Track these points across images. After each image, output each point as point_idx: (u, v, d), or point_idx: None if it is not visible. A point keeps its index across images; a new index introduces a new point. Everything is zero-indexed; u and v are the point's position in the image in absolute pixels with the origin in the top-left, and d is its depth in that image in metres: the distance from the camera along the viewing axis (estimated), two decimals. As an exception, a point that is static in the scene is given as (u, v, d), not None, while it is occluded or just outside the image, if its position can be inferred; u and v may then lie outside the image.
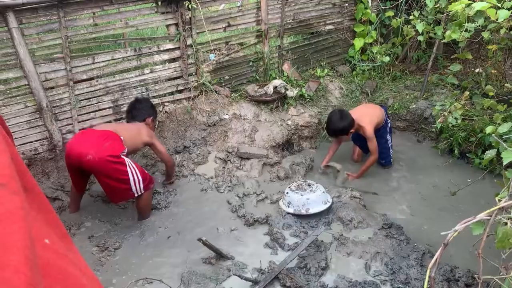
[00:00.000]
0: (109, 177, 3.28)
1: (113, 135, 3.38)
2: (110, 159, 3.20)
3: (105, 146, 3.22)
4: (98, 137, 3.31)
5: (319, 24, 5.80)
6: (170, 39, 4.58)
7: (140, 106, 3.95)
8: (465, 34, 3.22)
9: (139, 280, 2.98)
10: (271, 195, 4.00)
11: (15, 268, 0.40)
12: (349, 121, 4.08)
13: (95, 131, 3.43)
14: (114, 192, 3.41)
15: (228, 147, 4.52)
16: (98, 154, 3.16)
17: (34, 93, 3.92)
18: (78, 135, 3.45)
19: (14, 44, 3.68)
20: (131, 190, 3.37)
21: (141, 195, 3.48)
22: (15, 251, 0.41)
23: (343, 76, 5.98)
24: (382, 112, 4.39)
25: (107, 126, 3.62)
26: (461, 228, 1.45)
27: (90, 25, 4.17)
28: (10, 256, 0.40)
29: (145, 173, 3.49)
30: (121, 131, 3.49)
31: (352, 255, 3.23)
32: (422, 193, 4.14)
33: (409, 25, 4.30)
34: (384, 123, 4.40)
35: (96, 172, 3.31)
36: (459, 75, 5.36)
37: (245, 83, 5.38)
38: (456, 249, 3.16)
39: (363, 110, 4.41)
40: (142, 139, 3.68)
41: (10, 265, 0.40)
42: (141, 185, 3.41)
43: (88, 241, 3.46)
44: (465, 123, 4.42)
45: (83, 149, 3.19)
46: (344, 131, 4.11)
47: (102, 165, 3.20)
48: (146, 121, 3.92)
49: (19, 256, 0.41)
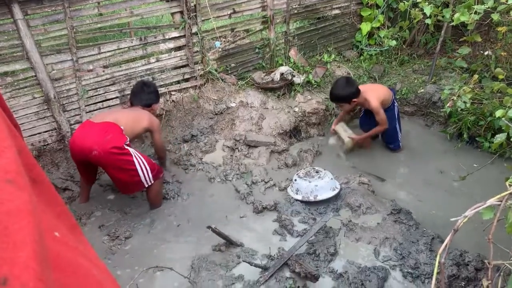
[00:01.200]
0: (117, 169, 3.29)
1: (114, 126, 3.34)
2: (115, 151, 3.20)
3: (108, 139, 3.20)
4: (100, 130, 3.27)
5: (326, 9, 5.73)
6: (175, 27, 4.55)
7: (149, 90, 3.88)
8: (474, 16, 3.17)
9: (150, 268, 3.02)
10: (279, 182, 4.00)
11: (24, 264, 0.40)
12: (353, 90, 4.07)
13: (96, 124, 3.35)
14: (124, 184, 3.43)
15: (236, 135, 4.52)
16: (102, 148, 3.15)
17: (41, 84, 3.93)
18: (80, 130, 3.38)
19: (20, 36, 3.68)
20: (141, 181, 3.38)
21: (151, 186, 3.49)
22: (23, 247, 0.41)
23: (350, 61, 5.93)
24: (389, 92, 4.37)
25: (106, 115, 3.53)
26: (471, 214, 1.44)
27: (95, 14, 4.16)
28: (19, 252, 0.40)
29: (152, 163, 3.50)
30: (121, 120, 3.43)
31: (361, 241, 3.23)
32: (431, 178, 4.13)
33: (417, 8, 4.23)
34: (391, 105, 4.37)
35: (104, 165, 3.33)
36: (468, 58, 5.28)
37: (252, 70, 5.35)
38: (466, 233, 3.15)
39: (370, 86, 4.45)
40: (142, 125, 3.62)
41: (19, 262, 0.40)
42: (150, 175, 3.41)
43: (99, 230, 3.50)
44: (474, 107, 4.38)
45: (86, 145, 3.18)
46: (346, 99, 4.10)
47: (108, 158, 3.20)
48: (153, 107, 3.91)
49: (27, 252, 0.41)
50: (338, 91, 4.09)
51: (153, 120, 3.72)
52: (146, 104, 3.84)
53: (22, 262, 0.40)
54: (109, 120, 3.37)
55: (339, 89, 4.08)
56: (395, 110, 4.42)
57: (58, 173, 4.06)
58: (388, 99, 4.31)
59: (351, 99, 4.07)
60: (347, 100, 4.09)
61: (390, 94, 4.35)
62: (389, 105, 4.35)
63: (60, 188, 3.87)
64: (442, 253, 1.54)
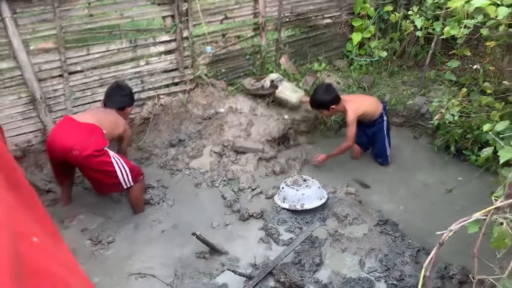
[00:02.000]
0: (95, 171, 3.23)
1: (97, 129, 3.26)
2: (96, 154, 3.14)
3: (91, 141, 3.14)
4: (84, 131, 3.19)
5: (317, 18, 5.75)
6: (166, 30, 4.52)
7: (123, 93, 3.81)
8: (464, 30, 3.19)
9: (132, 275, 2.97)
10: (266, 190, 3.98)
11: None
12: (332, 96, 4.08)
13: (80, 124, 3.25)
14: (101, 184, 3.38)
15: (224, 141, 4.49)
16: (84, 150, 3.09)
17: (27, 84, 3.86)
18: (62, 126, 3.27)
19: (8, 34, 3.62)
20: (119, 183, 3.32)
21: (131, 188, 3.43)
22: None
23: (340, 70, 5.95)
24: (377, 105, 4.35)
25: (89, 116, 3.42)
26: (456, 228, 1.44)
27: (85, 15, 4.10)
28: None
29: (131, 164, 3.44)
30: (103, 123, 3.36)
31: (346, 251, 3.22)
32: (417, 190, 4.14)
33: (408, 20, 4.26)
34: (378, 118, 4.35)
35: (81, 166, 3.27)
36: (457, 72, 5.34)
37: (242, 76, 5.34)
38: (451, 246, 3.15)
39: (354, 97, 4.45)
40: (118, 131, 3.58)
41: None
42: (130, 177, 3.35)
43: (82, 234, 3.44)
44: (462, 120, 4.41)
45: (68, 143, 3.10)
46: (324, 105, 4.11)
47: (86, 160, 3.14)
48: (126, 110, 3.83)
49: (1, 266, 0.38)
50: (317, 96, 4.13)
51: (127, 128, 3.73)
52: (120, 107, 3.76)
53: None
54: (93, 122, 3.29)
55: (319, 94, 4.12)
56: (384, 123, 4.40)
57: (42, 174, 3.98)
58: (374, 111, 4.30)
59: (330, 106, 4.09)
60: (325, 106, 4.11)
61: (378, 107, 4.34)
62: (376, 117, 4.34)
63: (43, 190, 3.80)
64: (427, 266, 1.54)
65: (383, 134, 4.39)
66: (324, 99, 4.07)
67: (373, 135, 4.44)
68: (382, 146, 4.43)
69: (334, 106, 4.10)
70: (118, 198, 3.84)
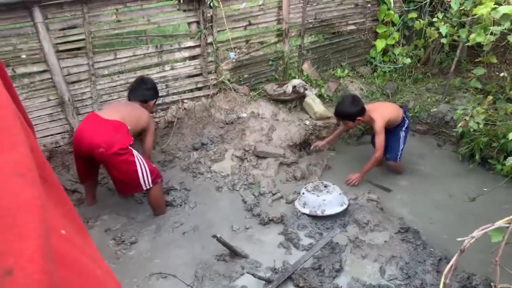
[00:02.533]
0: (117, 169, 3.29)
1: (122, 126, 3.34)
2: (121, 152, 3.21)
3: (116, 139, 3.21)
4: (110, 128, 3.26)
5: (341, 24, 5.76)
6: (191, 36, 4.60)
7: (146, 86, 3.91)
8: (490, 37, 3.15)
9: (153, 274, 3.02)
10: (286, 195, 3.99)
11: (30, 257, 0.40)
12: (359, 108, 4.03)
13: (106, 122, 3.32)
14: (122, 183, 3.43)
15: (245, 145, 4.52)
16: (109, 148, 3.16)
17: (56, 86, 4.00)
18: (89, 122, 3.35)
19: (39, 39, 3.76)
20: (139, 183, 3.37)
21: (150, 190, 3.48)
22: (30, 240, 0.42)
23: (363, 77, 5.93)
24: (399, 110, 4.28)
25: (114, 112, 3.48)
26: (478, 234, 1.43)
27: (113, 21, 4.23)
28: (25, 244, 0.41)
29: (152, 166, 3.49)
30: (128, 118, 3.44)
31: (367, 258, 3.19)
32: (440, 198, 4.08)
33: (433, 27, 4.23)
34: (401, 123, 4.28)
35: (106, 163, 3.33)
36: (483, 79, 5.25)
37: (264, 82, 5.38)
38: (475, 256, 3.10)
39: (377, 105, 4.39)
40: (142, 124, 3.68)
41: (25, 254, 0.40)
42: (149, 179, 3.39)
43: (105, 234, 3.51)
44: (487, 128, 4.33)
45: (95, 141, 3.18)
46: (351, 116, 4.05)
47: (112, 158, 3.21)
48: (149, 103, 3.91)
49: (33, 245, 0.41)
50: (344, 108, 4.06)
51: (150, 121, 3.78)
52: (143, 100, 3.85)
53: (28, 255, 0.40)
54: (118, 119, 3.36)
55: (345, 106, 4.05)
56: (405, 125, 4.30)
57: (68, 175, 4.09)
58: (396, 117, 4.24)
59: (356, 117, 4.05)
60: (351, 117, 4.07)
61: (399, 112, 4.28)
62: (399, 122, 4.28)
63: (69, 190, 3.90)
64: (447, 274, 1.52)
65: (399, 134, 4.29)
66: (351, 111, 4.02)
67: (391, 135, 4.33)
68: (394, 145, 4.29)
69: (360, 118, 4.07)
70: (141, 199, 3.91)
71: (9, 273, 0.38)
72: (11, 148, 0.50)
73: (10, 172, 0.47)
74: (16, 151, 0.50)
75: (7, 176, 0.46)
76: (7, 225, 0.42)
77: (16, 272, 0.38)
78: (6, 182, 0.45)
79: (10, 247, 0.40)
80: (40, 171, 0.88)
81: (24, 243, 0.41)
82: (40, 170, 0.88)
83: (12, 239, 0.41)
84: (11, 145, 0.50)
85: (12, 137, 0.52)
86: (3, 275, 0.38)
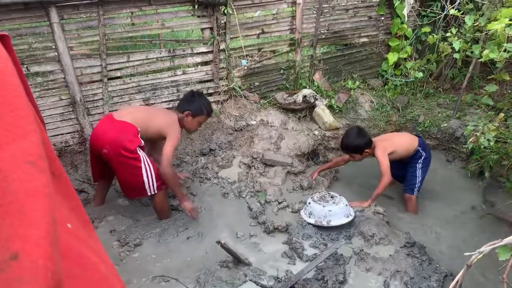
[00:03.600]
0: (122, 172, 3.30)
1: (130, 127, 3.29)
2: (125, 154, 3.19)
3: (121, 141, 3.19)
4: (116, 129, 3.24)
5: (354, 36, 5.77)
6: (204, 42, 4.64)
7: (192, 98, 3.70)
8: (504, 54, 3.13)
9: (156, 277, 3.01)
10: (292, 204, 3.97)
11: (36, 242, 0.41)
12: (366, 140, 3.91)
13: (115, 122, 3.31)
14: (127, 187, 3.44)
15: (253, 153, 4.52)
16: (113, 149, 3.17)
17: (69, 87, 4.04)
18: (102, 123, 3.36)
19: (54, 39, 3.81)
20: (144, 188, 3.37)
21: (154, 195, 3.48)
22: (37, 226, 0.42)
23: (374, 89, 5.92)
24: (411, 142, 4.10)
25: (126, 113, 3.43)
26: (486, 250, 1.40)
27: (128, 24, 4.27)
28: (32, 230, 0.41)
29: (159, 173, 3.48)
30: (140, 122, 3.35)
31: (371, 271, 3.16)
32: (448, 214, 4.04)
33: (446, 42, 4.22)
34: (415, 154, 4.10)
35: (112, 165, 3.34)
36: (495, 96, 5.22)
37: (275, 90, 5.39)
38: (482, 272, 3.07)
39: (384, 137, 4.26)
40: (160, 130, 3.45)
41: (31, 239, 0.41)
42: (155, 184, 3.38)
43: (110, 235, 3.51)
44: (498, 146, 4.30)
45: (101, 142, 3.22)
46: (357, 149, 3.93)
47: (116, 159, 3.22)
48: (184, 113, 3.63)
49: (40, 231, 0.42)
50: (350, 140, 3.93)
51: (172, 127, 3.46)
52: (181, 109, 3.65)
53: (34, 240, 0.40)
54: (126, 120, 3.32)
55: (352, 138, 3.93)
56: (420, 160, 4.11)
57: (76, 175, 4.12)
58: (406, 149, 4.06)
59: (364, 150, 3.93)
60: (358, 150, 3.94)
61: (412, 144, 4.09)
62: (412, 154, 4.10)
63: (76, 190, 3.92)
64: (454, 289, 1.50)
65: (415, 166, 4.12)
66: (358, 143, 3.89)
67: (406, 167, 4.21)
68: (412, 176, 4.13)
69: (368, 150, 3.94)
70: (147, 202, 3.91)
71: (15, 257, 0.38)
72: (23, 137, 0.51)
73: (21, 159, 0.47)
74: (28, 140, 0.50)
75: (18, 163, 0.46)
76: (15, 210, 0.42)
77: (22, 256, 0.39)
78: (16, 168, 0.46)
79: (17, 232, 0.40)
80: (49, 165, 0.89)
81: (31, 229, 0.41)
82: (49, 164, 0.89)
83: (19, 224, 0.41)
84: (23, 133, 0.51)
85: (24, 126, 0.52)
86: (9, 259, 0.38)
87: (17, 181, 0.44)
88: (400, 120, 5.47)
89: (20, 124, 0.51)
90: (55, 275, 0.41)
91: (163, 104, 4.64)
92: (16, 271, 0.38)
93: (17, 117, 0.53)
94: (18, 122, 0.52)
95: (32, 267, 0.38)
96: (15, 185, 0.44)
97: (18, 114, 0.53)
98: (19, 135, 0.50)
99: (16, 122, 0.51)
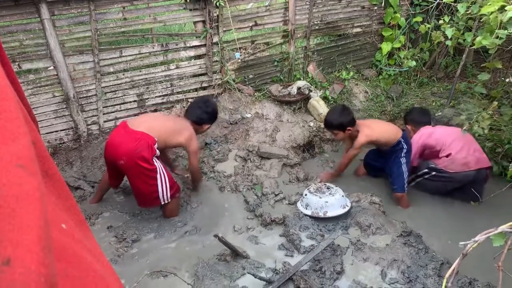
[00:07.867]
0: (139, 182, 3.28)
1: (147, 137, 3.24)
2: (142, 164, 3.17)
3: (138, 151, 3.16)
4: (132, 140, 3.20)
5: (347, 27, 5.75)
6: (196, 36, 4.61)
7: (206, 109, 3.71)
8: (496, 41, 3.13)
9: (154, 272, 3.02)
10: (289, 196, 3.98)
11: (28, 247, 0.40)
12: (348, 119, 3.90)
13: (131, 132, 3.26)
14: (142, 196, 3.42)
15: (249, 146, 4.52)
16: (130, 160, 3.15)
17: (62, 83, 4.01)
18: (116, 134, 3.31)
19: (46, 35, 3.77)
20: (158, 198, 3.38)
21: (167, 203, 3.49)
22: (29, 230, 0.41)
23: (368, 79, 5.92)
24: (395, 132, 4.06)
25: (143, 122, 3.39)
26: (481, 239, 1.41)
27: (120, 19, 4.24)
28: (24, 235, 0.41)
29: (173, 181, 3.46)
30: (155, 130, 3.33)
31: (368, 261, 3.18)
32: (443, 203, 4.06)
33: (438, 31, 4.21)
34: (396, 145, 4.04)
35: (128, 175, 3.32)
36: (489, 84, 5.23)
37: (269, 82, 5.38)
38: (477, 262, 3.09)
39: (370, 122, 4.25)
40: (178, 139, 3.49)
41: (23, 244, 0.40)
42: (168, 194, 3.40)
43: (107, 231, 3.51)
44: (492, 133, 4.31)
45: (118, 152, 3.18)
46: (341, 126, 3.91)
47: (133, 170, 3.21)
48: (203, 126, 3.76)
49: (32, 236, 0.41)
50: (334, 116, 3.94)
51: (192, 141, 3.56)
52: (195, 120, 3.68)
53: (26, 245, 0.40)
54: (143, 130, 3.26)
55: (336, 115, 3.94)
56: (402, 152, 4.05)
57: (72, 171, 4.10)
58: (389, 138, 4.03)
59: (346, 127, 3.91)
60: (342, 127, 3.93)
61: (395, 134, 4.04)
62: (393, 144, 4.04)
63: (72, 187, 3.91)
64: (449, 278, 1.51)
65: (399, 161, 4.05)
66: (342, 121, 3.89)
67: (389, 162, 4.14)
68: (398, 173, 4.07)
69: (350, 128, 3.93)
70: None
71: (7, 263, 0.38)
72: (13, 140, 0.50)
73: (11, 163, 0.47)
74: (18, 143, 0.50)
75: (8, 167, 0.46)
76: (6, 215, 0.41)
77: (14, 262, 0.38)
78: (6, 173, 0.45)
79: (8, 237, 0.40)
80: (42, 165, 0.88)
81: (22, 234, 0.41)
82: (42, 164, 0.88)
83: (10, 228, 0.41)
84: (13, 136, 0.50)
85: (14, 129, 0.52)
86: (1, 265, 0.38)
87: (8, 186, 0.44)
88: (395, 110, 5.48)
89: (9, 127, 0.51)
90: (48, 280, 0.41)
91: (156, 99, 4.63)
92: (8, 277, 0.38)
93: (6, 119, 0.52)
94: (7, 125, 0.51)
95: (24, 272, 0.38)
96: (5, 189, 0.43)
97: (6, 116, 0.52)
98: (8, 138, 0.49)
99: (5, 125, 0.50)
